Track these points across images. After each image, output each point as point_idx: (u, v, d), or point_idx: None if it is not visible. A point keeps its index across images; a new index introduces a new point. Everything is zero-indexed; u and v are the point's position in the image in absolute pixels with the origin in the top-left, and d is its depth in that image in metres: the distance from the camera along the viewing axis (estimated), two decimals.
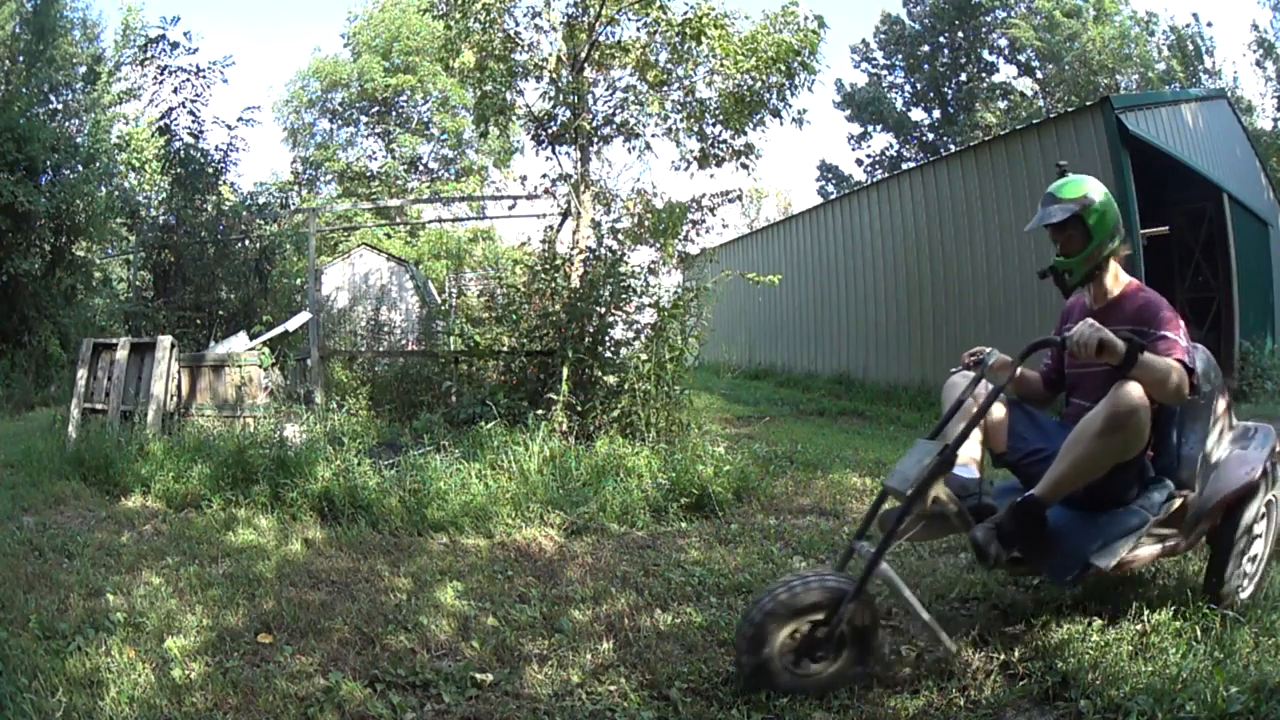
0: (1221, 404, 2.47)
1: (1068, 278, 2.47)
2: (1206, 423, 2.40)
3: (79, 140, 11.40)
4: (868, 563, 2.08)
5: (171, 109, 10.52)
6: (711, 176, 8.46)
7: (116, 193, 11.86)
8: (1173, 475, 2.35)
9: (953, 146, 20.32)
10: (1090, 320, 2.11)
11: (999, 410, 2.50)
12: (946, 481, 2.17)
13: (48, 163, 10.10)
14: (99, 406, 5.74)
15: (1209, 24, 30.60)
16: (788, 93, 6.61)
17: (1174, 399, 2.14)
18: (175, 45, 10.62)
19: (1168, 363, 2.10)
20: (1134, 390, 2.06)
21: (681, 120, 6.69)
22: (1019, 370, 2.46)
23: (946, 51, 26.85)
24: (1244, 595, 2.45)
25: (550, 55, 6.66)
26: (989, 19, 25.56)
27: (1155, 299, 2.37)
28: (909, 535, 2.20)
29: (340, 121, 25.02)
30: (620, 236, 6.55)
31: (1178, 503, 2.33)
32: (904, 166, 16.95)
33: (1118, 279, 2.49)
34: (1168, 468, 2.37)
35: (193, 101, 10.43)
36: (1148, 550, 2.29)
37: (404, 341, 9.89)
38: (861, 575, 2.06)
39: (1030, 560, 2.28)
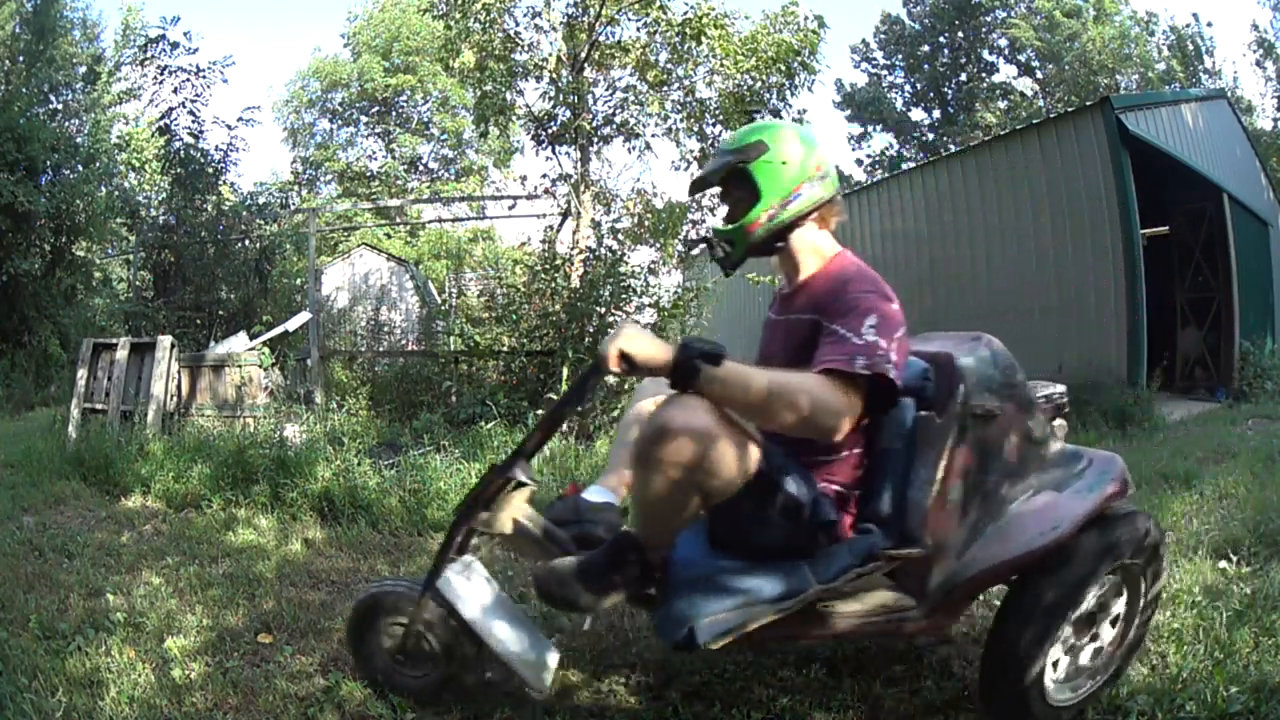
0: (1018, 427, 1.73)
1: (727, 251, 1.81)
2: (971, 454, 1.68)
3: (79, 140, 11.41)
4: (427, 575, 1.88)
5: (171, 109, 10.57)
6: None
7: (116, 193, 11.87)
8: (894, 525, 1.68)
9: (953, 146, 20.32)
10: (634, 321, 1.68)
11: None
12: (554, 504, 1.89)
13: (48, 163, 10.11)
14: (99, 406, 5.74)
15: (1209, 24, 30.66)
16: (788, 93, 6.63)
17: (805, 431, 1.45)
18: (175, 45, 10.66)
19: (793, 382, 1.45)
20: (674, 411, 1.45)
21: (681, 120, 6.70)
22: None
23: (946, 51, 26.86)
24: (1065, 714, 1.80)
25: (550, 55, 6.67)
26: (989, 19, 25.58)
27: (849, 273, 1.71)
28: (526, 554, 1.90)
29: (340, 121, 25.06)
30: (620, 236, 6.56)
31: (888, 565, 1.64)
32: (904, 166, 16.95)
33: (818, 252, 1.80)
34: (880, 513, 1.71)
35: (193, 101, 10.48)
36: (846, 623, 1.67)
37: (404, 341, 9.90)
38: (424, 583, 1.86)
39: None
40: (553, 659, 1.81)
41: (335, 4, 47.08)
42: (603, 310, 5.72)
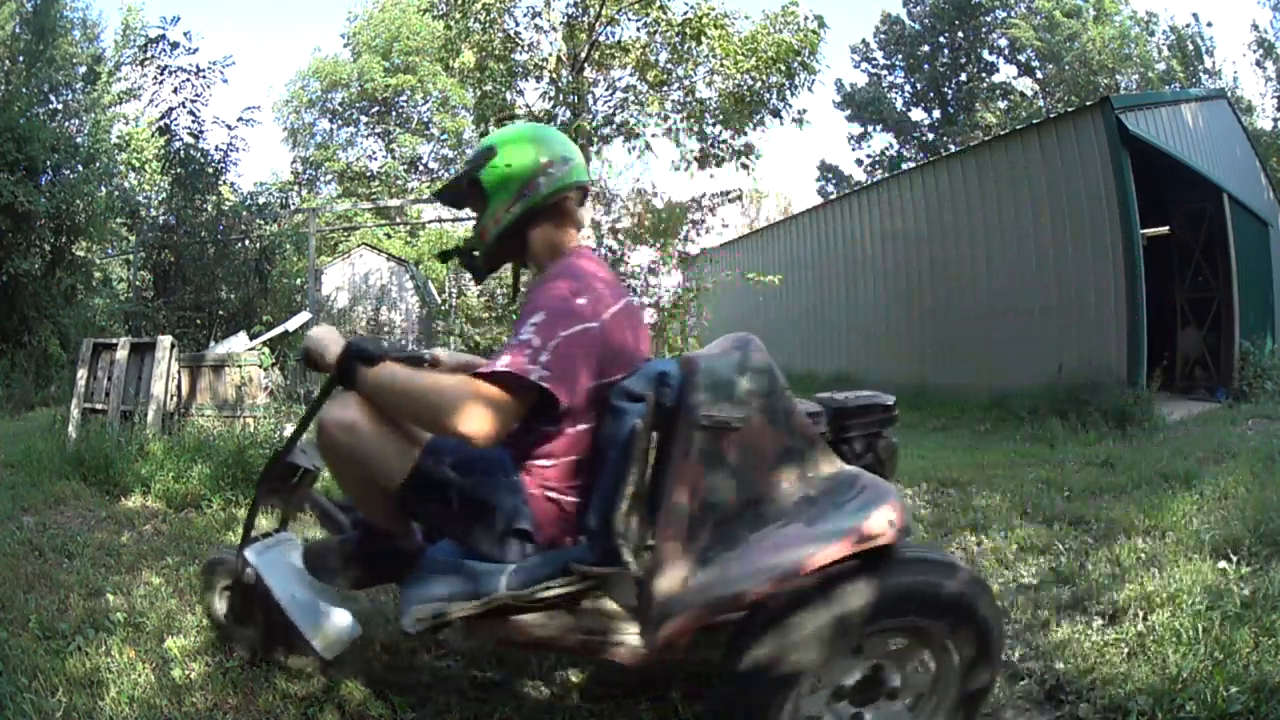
0: (768, 442, 1.48)
1: (473, 260, 1.83)
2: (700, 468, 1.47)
3: (79, 140, 11.41)
4: (239, 545, 2.06)
5: (171, 109, 10.56)
6: (711, 176, 8.48)
7: (116, 193, 11.87)
8: (599, 540, 1.56)
9: (953, 146, 20.32)
10: (326, 325, 1.79)
11: None
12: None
13: (48, 163, 10.10)
14: (99, 406, 5.74)
15: (1209, 24, 30.66)
16: (788, 93, 6.63)
17: (448, 432, 1.45)
18: (175, 45, 10.66)
19: (441, 383, 1.47)
20: (330, 407, 1.57)
21: (681, 120, 6.70)
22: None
23: (946, 51, 26.86)
24: None
25: (550, 55, 6.67)
26: (989, 19, 25.57)
27: (557, 269, 1.67)
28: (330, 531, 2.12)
29: (340, 121, 25.08)
30: (620, 236, 6.56)
31: (580, 583, 1.53)
32: (904, 166, 16.95)
33: (556, 251, 1.75)
34: (589, 526, 1.63)
35: (193, 101, 10.47)
36: (548, 633, 1.59)
37: (404, 341, 9.89)
38: (238, 551, 2.03)
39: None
40: (342, 629, 1.91)
41: (335, 4, 47.15)
42: None
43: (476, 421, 1.42)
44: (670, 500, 1.44)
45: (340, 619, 1.94)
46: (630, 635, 1.55)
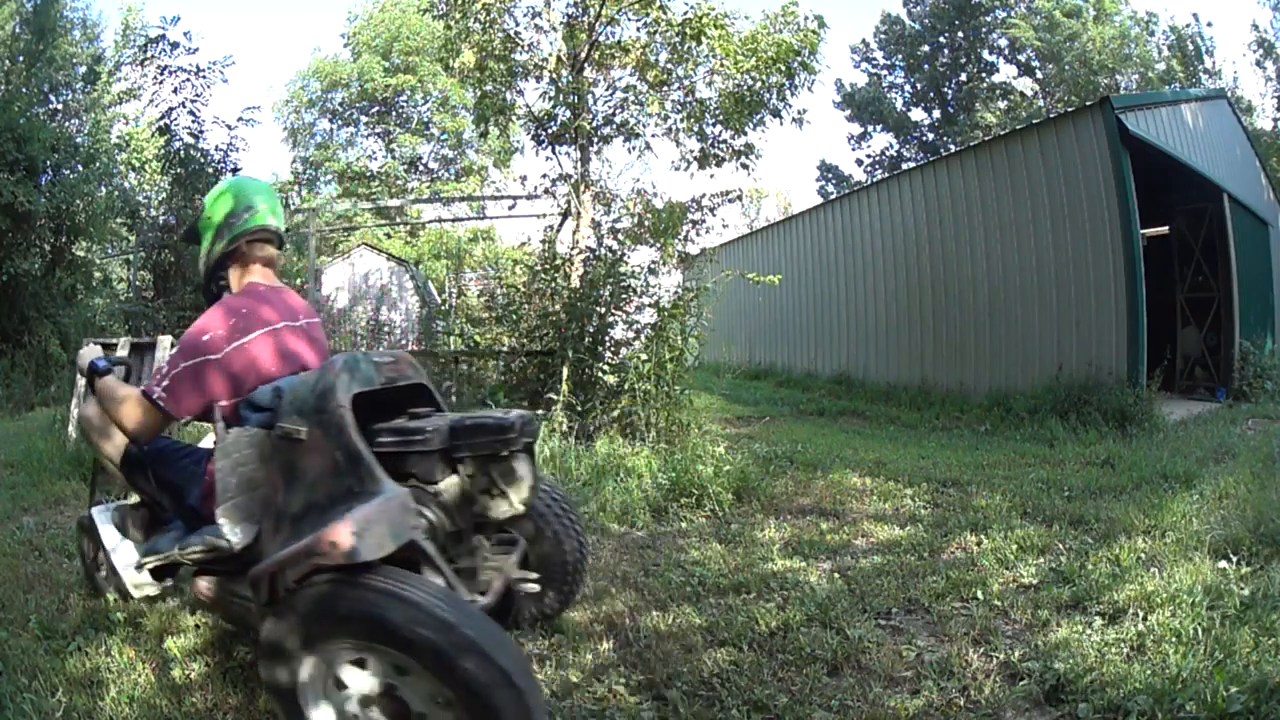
0: (323, 451, 1.68)
1: (209, 287, 2.25)
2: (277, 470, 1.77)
3: (79, 140, 11.40)
4: (88, 507, 2.48)
5: (171, 109, 10.50)
6: (711, 176, 8.48)
7: (116, 193, 11.86)
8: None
9: (953, 146, 20.32)
10: (91, 345, 2.32)
11: None
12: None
13: (48, 163, 10.09)
14: None
15: (1209, 24, 30.66)
16: (788, 93, 6.62)
17: (120, 429, 2.02)
18: (175, 45, 10.59)
19: (119, 393, 2.02)
20: (85, 407, 2.18)
21: (681, 120, 6.69)
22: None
23: (946, 51, 26.86)
24: None
25: (550, 55, 6.66)
26: (989, 19, 25.57)
27: (203, 315, 2.04)
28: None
29: (340, 121, 25.06)
30: (620, 236, 6.56)
31: (206, 551, 1.85)
32: (904, 166, 16.94)
33: (239, 286, 2.18)
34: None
35: (193, 101, 10.42)
36: (203, 593, 1.98)
37: (404, 341, 9.90)
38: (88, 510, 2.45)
39: None
40: (145, 576, 2.22)
41: (335, 4, 47.14)
42: (603, 310, 5.72)
43: (130, 423, 2.00)
44: (269, 493, 1.78)
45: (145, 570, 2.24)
46: (250, 602, 1.77)
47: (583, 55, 6.53)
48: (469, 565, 1.97)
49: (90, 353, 2.18)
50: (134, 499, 2.30)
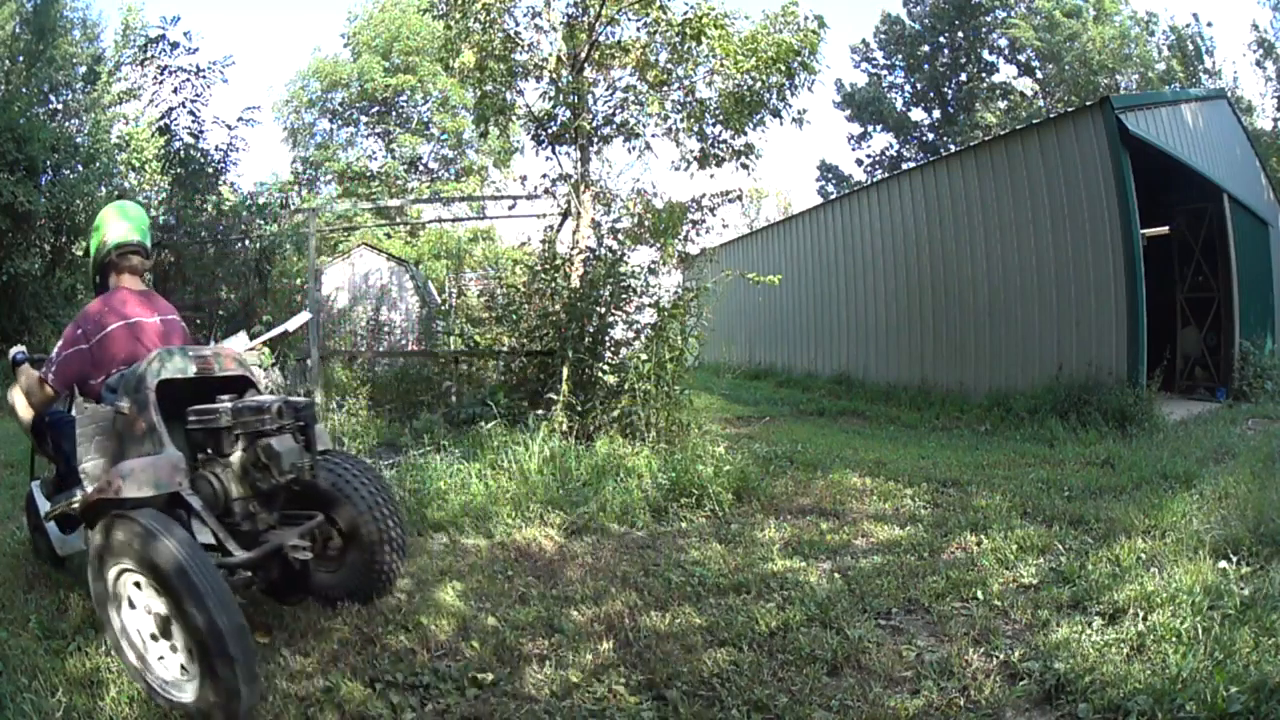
0: (135, 422, 2.25)
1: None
2: (105, 435, 2.32)
3: (79, 140, 11.40)
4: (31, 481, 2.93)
5: (171, 109, 10.48)
6: (711, 176, 8.45)
7: (116, 193, 11.85)
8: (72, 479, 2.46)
9: (953, 146, 20.32)
10: (18, 345, 2.89)
11: None
12: None
13: (48, 163, 10.09)
14: None
15: (1209, 24, 30.64)
16: (788, 93, 6.60)
17: (31, 405, 2.60)
18: (175, 45, 10.56)
19: (26, 376, 2.60)
20: (10, 389, 2.68)
21: (681, 120, 6.68)
22: None
23: (946, 51, 26.85)
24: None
25: (550, 55, 6.66)
26: (989, 19, 25.57)
27: (79, 313, 2.64)
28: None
29: (340, 121, 25.06)
30: (620, 236, 6.54)
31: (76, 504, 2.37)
32: (904, 166, 16.94)
33: (113, 286, 2.74)
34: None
35: (193, 101, 10.39)
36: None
37: (404, 341, 9.90)
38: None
39: None
40: (71, 539, 2.67)
41: (335, 4, 47.14)
42: (603, 310, 5.71)
43: (33, 399, 2.59)
44: (108, 452, 2.30)
45: (72, 535, 2.68)
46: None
47: (583, 55, 6.52)
48: (250, 529, 2.30)
49: (14, 349, 2.78)
50: (54, 470, 2.75)
